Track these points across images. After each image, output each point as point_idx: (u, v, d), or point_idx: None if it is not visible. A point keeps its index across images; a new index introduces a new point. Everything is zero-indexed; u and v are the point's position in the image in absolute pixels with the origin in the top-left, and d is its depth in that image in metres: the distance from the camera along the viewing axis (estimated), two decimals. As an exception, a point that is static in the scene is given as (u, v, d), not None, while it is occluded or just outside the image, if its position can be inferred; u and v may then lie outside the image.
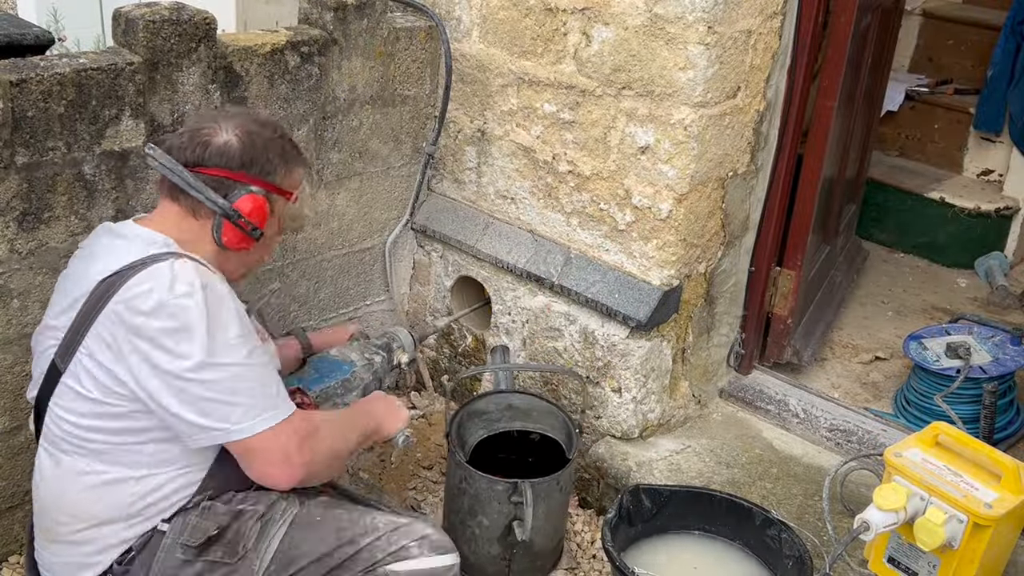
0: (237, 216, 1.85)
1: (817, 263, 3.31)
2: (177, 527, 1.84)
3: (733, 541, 2.35)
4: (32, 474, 1.94)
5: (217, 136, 1.86)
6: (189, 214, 1.87)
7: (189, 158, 1.85)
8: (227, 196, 1.85)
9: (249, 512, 1.86)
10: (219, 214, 1.85)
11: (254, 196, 1.87)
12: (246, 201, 1.86)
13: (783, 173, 2.79)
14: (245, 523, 1.85)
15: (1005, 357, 2.96)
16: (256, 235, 1.90)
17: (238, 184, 1.86)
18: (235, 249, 1.90)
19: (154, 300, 1.71)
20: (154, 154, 1.86)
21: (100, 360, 1.75)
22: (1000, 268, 4.04)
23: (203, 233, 1.88)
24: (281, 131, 1.98)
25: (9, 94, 2.02)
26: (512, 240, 2.84)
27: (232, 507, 1.86)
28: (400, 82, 2.81)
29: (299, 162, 1.98)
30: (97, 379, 1.76)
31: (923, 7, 4.78)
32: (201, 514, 1.84)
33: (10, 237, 2.13)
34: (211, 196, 1.84)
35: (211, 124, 1.88)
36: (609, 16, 2.48)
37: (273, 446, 1.79)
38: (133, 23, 2.21)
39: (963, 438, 2.17)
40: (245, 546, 1.83)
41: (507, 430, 2.54)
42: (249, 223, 1.87)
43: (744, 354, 3.00)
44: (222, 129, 1.87)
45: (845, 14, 2.73)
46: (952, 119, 4.49)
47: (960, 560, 2.06)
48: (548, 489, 2.33)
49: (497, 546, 2.37)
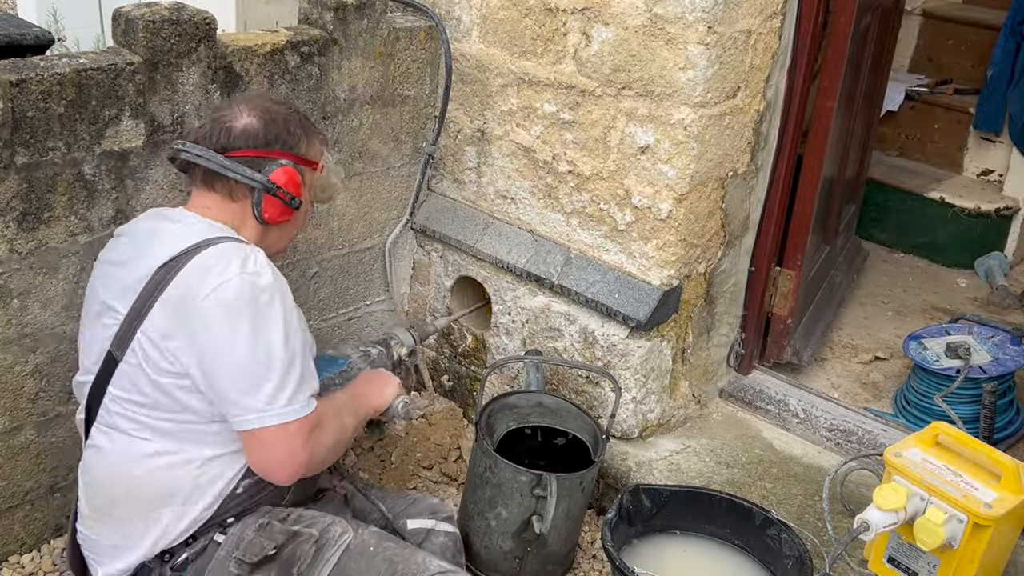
0: (276, 188, 1.93)
1: (817, 263, 3.31)
2: (233, 540, 1.86)
3: (733, 541, 2.35)
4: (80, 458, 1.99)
5: (238, 120, 1.94)
6: (228, 198, 1.94)
7: (216, 145, 1.92)
8: (261, 172, 1.93)
9: (305, 535, 1.89)
10: (259, 189, 1.93)
11: (286, 168, 1.95)
12: (280, 174, 1.94)
13: (783, 173, 2.79)
14: (300, 546, 1.88)
15: (1005, 357, 2.96)
16: (295, 204, 1.98)
17: (268, 160, 1.94)
18: (276, 223, 1.98)
19: (223, 277, 1.77)
20: (185, 147, 1.92)
21: (159, 341, 1.79)
22: (1000, 268, 4.04)
23: (244, 214, 1.95)
24: (295, 107, 2.08)
25: (9, 94, 2.02)
26: (512, 240, 2.84)
27: (288, 527, 1.89)
28: (400, 82, 2.81)
29: (317, 133, 2.07)
30: (157, 361, 1.80)
31: (923, 7, 4.78)
32: (258, 530, 1.87)
33: (10, 237, 2.13)
34: (248, 174, 1.91)
35: (229, 110, 1.97)
36: (609, 16, 2.48)
37: (280, 442, 1.82)
38: (133, 23, 2.21)
39: (963, 438, 2.17)
40: (300, 569, 1.86)
41: (537, 425, 2.55)
42: (288, 193, 1.95)
43: (744, 354, 3.00)
44: (241, 113, 1.95)
45: (845, 14, 2.73)
46: (952, 119, 4.49)
47: (960, 560, 2.06)
48: (571, 487, 2.34)
49: (512, 542, 2.37)
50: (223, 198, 1.94)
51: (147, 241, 1.91)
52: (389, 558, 1.89)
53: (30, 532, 2.40)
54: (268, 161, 1.94)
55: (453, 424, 3.00)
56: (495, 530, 2.37)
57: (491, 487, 2.35)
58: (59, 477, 2.40)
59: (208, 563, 1.86)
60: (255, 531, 1.88)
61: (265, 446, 1.82)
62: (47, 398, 2.31)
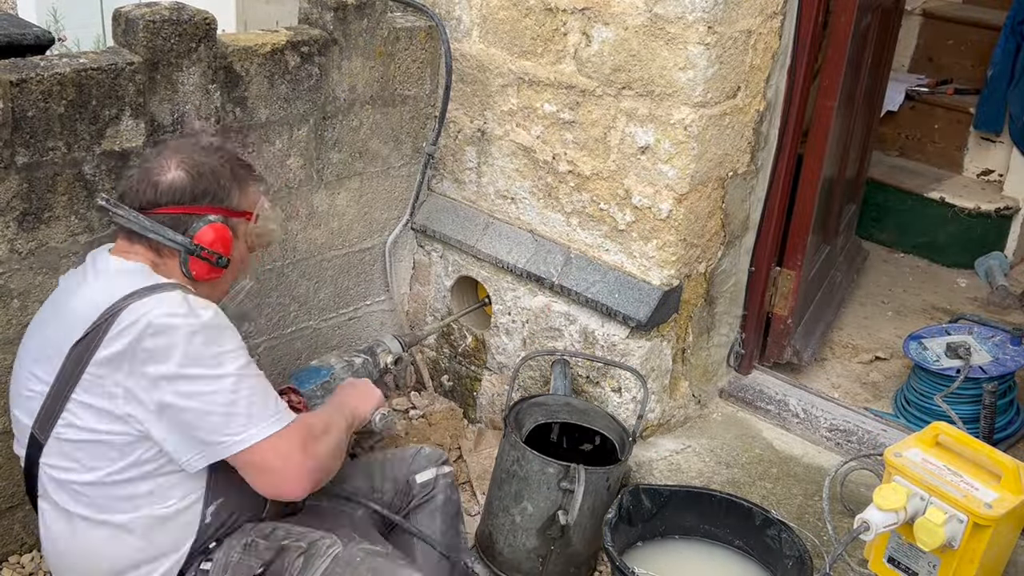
0: (200, 249, 1.86)
1: (817, 263, 3.31)
2: (219, 566, 1.83)
3: (733, 541, 2.35)
4: None
5: (165, 174, 1.86)
6: (154, 252, 1.87)
7: (143, 201, 1.85)
8: (187, 231, 1.85)
9: (293, 548, 1.86)
10: (182, 251, 1.85)
11: (213, 225, 1.87)
12: (206, 232, 1.86)
13: (783, 173, 2.79)
14: (288, 557, 1.85)
15: (1005, 357, 2.96)
16: (223, 263, 1.90)
17: (195, 216, 1.86)
18: (205, 281, 1.91)
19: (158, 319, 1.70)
20: (108, 206, 1.85)
21: (92, 406, 1.72)
22: (1000, 268, 4.04)
23: (173, 267, 1.88)
24: (228, 154, 1.97)
25: (9, 94, 2.02)
26: (512, 240, 2.84)
27: (274, 543, 1.86)
28: (400, 82, 2.81)
29: (252, 179, 1.98)
30: (91, 426, 1.73)
31: (923, 7, 4.78)
32: (244, 551, 1.84)
33: (10, 237, 2.13)
34: (170, 236, 1.84)
35: (157, 160, 1.88)
36: (609, 16, 2.48)
37: (277, 455, 1.77)
38: (133, 23, 2.21)
39: (963, 438, 2.17)
40: None
41: (565, 422, 2.56)
42: (213, 253, 1.87)
43: (744, 354, 3.00)
44: (169, 166, 1.86)
45: (845, 14, 2.73)
46: (952, 119, 4.49)
47: (960, 560, 2.05)
48: (597, 482, 2.35)
49: (536, 539, 2.38)
50: (149, 252, 1.87)
51: (67, 297, 1.84)
52: (373, 569, 1.87)
53: (30, 532, 2.40)
54: (195, 218, 1.85)
55: (453, 424, 3.00)
56: (519, 526, 2.39)
57: (518, 480, 2.37)
58: (59, 477, 2.40)
59: None
60: (240, 552, 1.84)
61: (263, 464, 1.77)
62: (47, 398, 2.31)
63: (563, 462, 2.33)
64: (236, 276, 2.02)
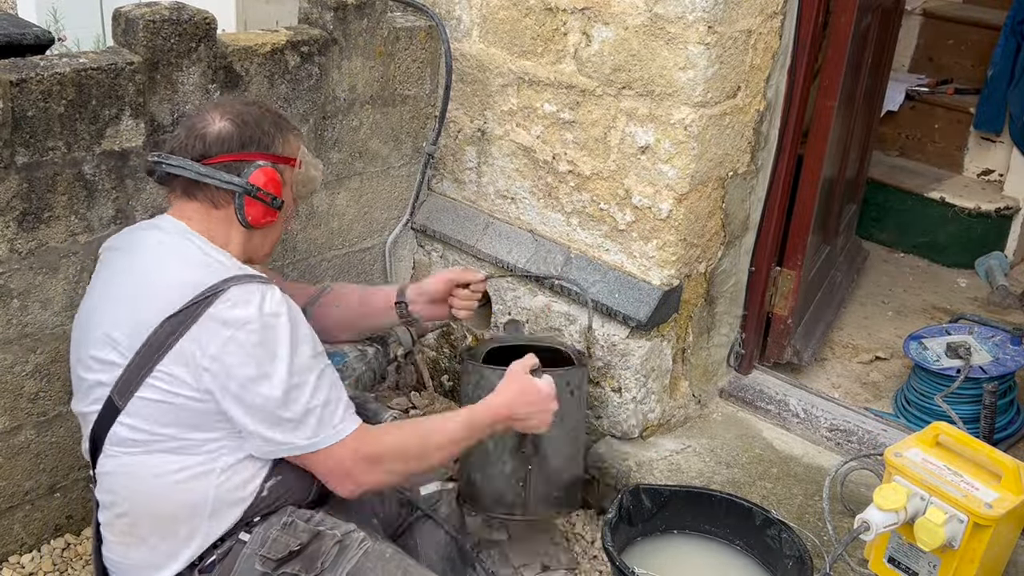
0: (256, 190, 1.92)
1: (817, 263, 3.31)
2: (258, 539, 1.87)
3: (733, 541, 2.35)
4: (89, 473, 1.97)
5: (211, 126, 1.92)
6: (210, 206, 1.93)
7: (193, 154, 1.91)
8: (240, 176, 1.92)
9: (329, 535, 1.91)
10: (239, 193, 1.91)
11: (264, 169, 1.94)
12: (259, 175, 1.93)
13: (783, 173, 2.79)
14: (324, 543, 1.90)
15: (1005, 357, 2.96)
16: (277, 204, 1.96)
17: (245, 163, 1.92)
18: (260, 225, 1.96)
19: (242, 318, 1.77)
20: (161, 158, 1.91)
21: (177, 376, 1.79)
22: (1000, 268, 4.04)
23: (228, 221, 1.94)
24: (267, 106, 2.07)
25: (9, 94, 2.02)
26: (512, 240, 2.84)
27: (312, 526, 1.91)
28: (400, 82, 2.81)
29: (291, 129, 2.05)
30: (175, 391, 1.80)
31: (923, 7, 4.78)
32: (283, 529, 1.89)
33: (10, 237, 2.13)
34: (227, 178, 1.90)
35: (201, 117, 1.95)
36: (609, 16, 2.48)
37: (333, 464, 1.86)
38: (133, 23, 2.21)
39: (963, 438, 2.17)
40: (323, 564, 1.88)
41: (517, 343, 2.50)
42: (268, 194, 1.94)
43: (744, 354, 3.00)
44: (214, 118, 1.93)
45: (845, 14, 2.73)
46: (952, 119, 4.49)
47: (960, 560, 2.05)
48: (559, 386, 2.18)
49: (511, 461, 2.33)
50: (205, 207, 1.93)
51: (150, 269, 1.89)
52: (404, 568, 1.92)
53: (30, 532, 2.40)
54: (245, 164, 1.92)
55: (453, 424, 2.99)
56: (492, 452, 2.33)
57: None
58: (59, 477, 2.40)
59: (234, 563, 1.87)
60: (279, 529, 1.89)
61: (325, 469, 1.87)
62: (47, 398, 2.31)
63: None
64: (284, 226, 2.09)
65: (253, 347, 1.77)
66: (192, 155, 1.91)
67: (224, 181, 1.90)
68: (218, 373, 1.77)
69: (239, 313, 1.77)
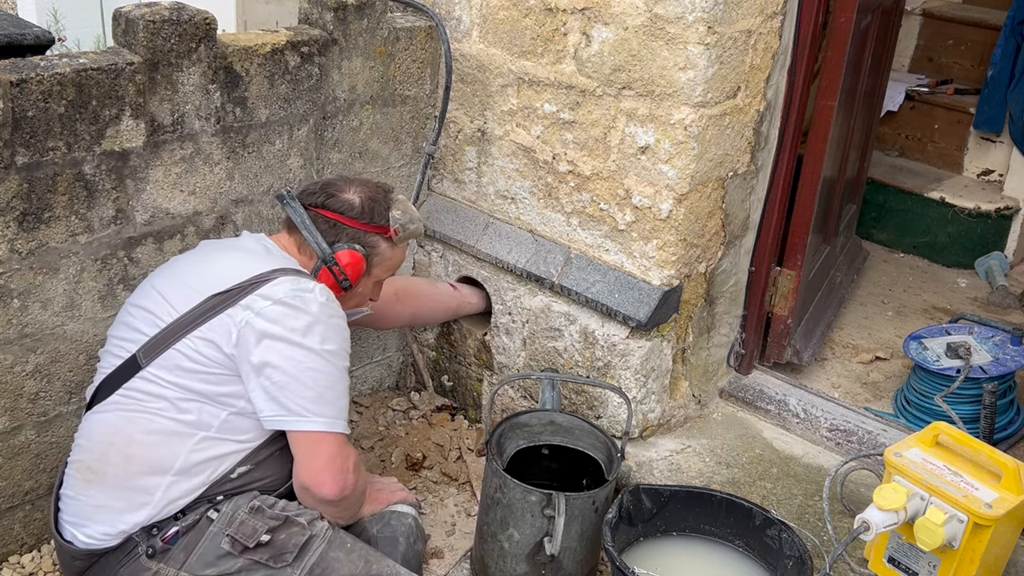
0: (333, 263, 2.11)
1: (817, 263, 3.31)
2: (225, 518, 1.96)
3: (733, 541, 2.35)
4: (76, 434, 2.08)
5: (345, 193, 2.16)
6: (296, 248, 2.16)
7: (315, 201, 2.15)
8: (333, 244, 2.11)
9: (296, 523, 1.99)
10: (319, 258, 2.11)
11: (353, 252, 2.12)
12: (345, 254, 2.12)
13: (783, 173, 2.79)
14: (292, 531, 1.98)
15: (1005, 357, 2.96)
16: (345, 286, 2.15)
17: (346, 233, 2.14)
18: None
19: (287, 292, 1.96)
20: (287, 197, 2.15)
21: (211, 340, 1.94)
22: (1000, 268, 4.04)
23: (308, 265, 2.15)
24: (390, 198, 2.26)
25: (9, 94, 2.02)
26: (512, 240, 2.84)
27: (278, 511, 1.99)
28: (400, 82, 2.81)
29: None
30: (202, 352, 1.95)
31: (923, 7, 4.79)
32: (251, 513, 1.97)
33: (10, 237, 2.13)
34: (318, 239, 2.12)
35: (342, 182, 2.19)
36: (609, 16, 2.48)
37: (333, 449, 1.97)
38: (133, 23, 2.21)
39: (963, 438, 2.17)
40: (292, 555, 1.96)
41: (548, 444, 2.52)
42: (343, 273, 2.12)
43: (744, 354, 3.00)
44: (350, 189, 2.17)
45: (845, 14, 2.73)
46: (952, 119, 4.50)
47: (960, 560, 2.06)
48: (583, 507, 2.28)
49: (525, 564, 2.32)
50: (297, 246, 2.15)
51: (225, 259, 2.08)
52: (365, 556, 2.03)
53: (30, 532, 2.40)
54: (345, 235, 2.13)
55: (453, 424, 3.00)
56: (508, 552, 2.33)
57: (502, 508, 2.31)
58: (59, 477, 2.40)
59: (200, 538, 1.94)
60: (247, 513, 1.97)
61: (315, 450, 1.95)
62: (47, 398, 2.31)
63: (544, 490, 2.25)
64: (351, 306, 2.24)
65: (286, 315, 1.92)
66: (313, 202, 2.14)
67: (314, 240, 2.09)
68: (247, 337, 1.91)
69: (281, 289, 1.95)
